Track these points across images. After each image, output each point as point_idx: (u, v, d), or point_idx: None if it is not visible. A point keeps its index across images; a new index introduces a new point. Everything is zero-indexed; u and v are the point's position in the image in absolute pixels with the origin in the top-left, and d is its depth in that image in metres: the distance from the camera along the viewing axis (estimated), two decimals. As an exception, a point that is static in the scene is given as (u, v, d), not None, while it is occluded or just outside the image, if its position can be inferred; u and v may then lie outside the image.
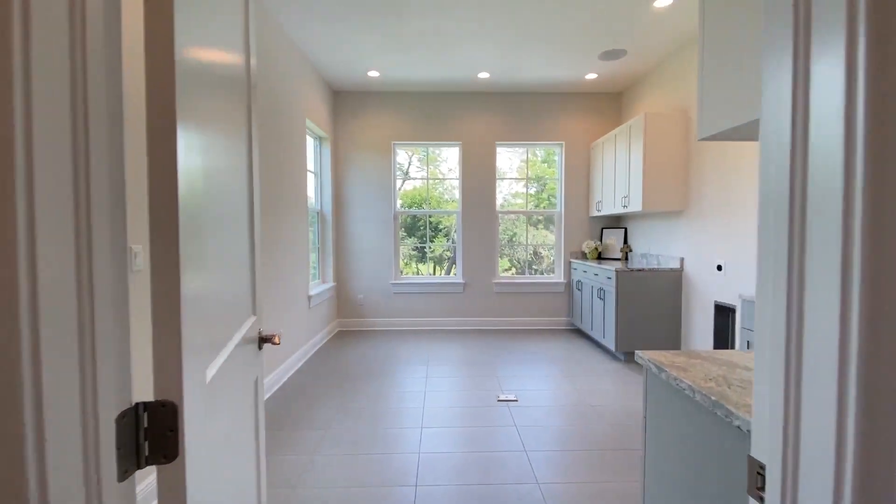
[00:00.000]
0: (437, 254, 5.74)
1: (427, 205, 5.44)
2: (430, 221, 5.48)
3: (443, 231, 5.71)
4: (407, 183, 5.65)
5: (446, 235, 5.71)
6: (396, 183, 5.32)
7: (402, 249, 5.46)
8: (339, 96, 5.07)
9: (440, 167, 5.49)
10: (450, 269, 5.78)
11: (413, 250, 5.64)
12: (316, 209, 4.77)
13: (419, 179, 5.55)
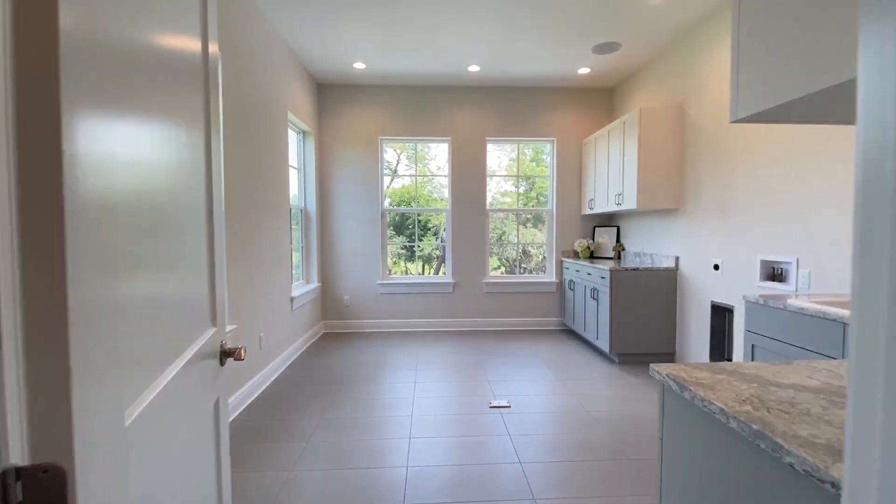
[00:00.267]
0: (426, 252, 5.58)
1: (416, 203, 5.28)
2: (418, 220, 5.32)
3: (432, 230, 5.55)
4: (395, 181, 5.48)
5: (435, 234, 5.56)
6: (384, 180, 5.15)
7: (390, 248, 5.29)
8: (324, 89, 4.87)
9: (429, 165, 5.33)
10: (439, 268, 5.63)
11: (402, 249, 5.48)
12: (299, 207, 4.57)
13: (408, 177, 5.38)
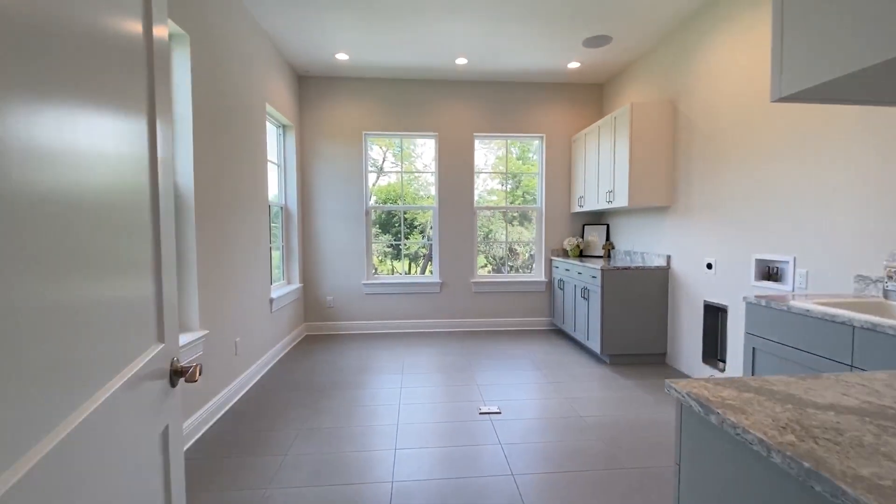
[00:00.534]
0: (413, 251, 5.43)
1: (402, 201, 5.12)
2: (404, 218, 5.16)
3: (418, 227, 5.40)
4: (381, 178, 5.32)
5: (422, 232, 5.41)
6: (369, 177, 4.98)
7: (375, 247, 5.12)
8: (306, 81, 4.68)
9: (415, 163, 5.17)
10: (425, 267, 5.49)
11: (388, 247, 5.32)
12: (280, 204, 4.37)
13: (394, 173, 5.22)
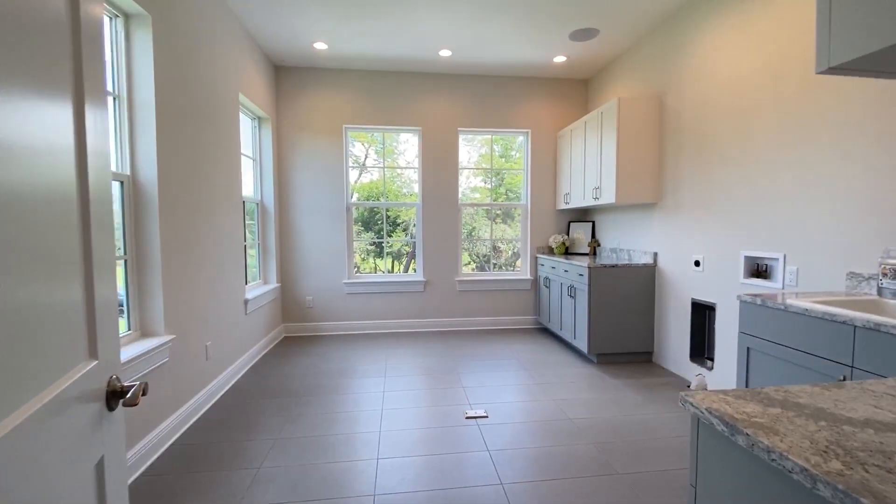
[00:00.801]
0: (396, 249, 5.29)
1: (385, 198, 4.96)
2: (387, 216, 5.01)
3: (401, 225, 5.26)
4: (364, 176, 5.16)
5: (405, 230, 5.27)
6: (351, 173, 4.81)
7: (357, 245, 4.96)
8: (283, 72, 4.48)
9: (398, 160, 5.03)
10: (409, 265, 5.36)
11: (370, 245, 5.17)
12: (255, 200, 4.17)
13: (376, 168, 5.06)
